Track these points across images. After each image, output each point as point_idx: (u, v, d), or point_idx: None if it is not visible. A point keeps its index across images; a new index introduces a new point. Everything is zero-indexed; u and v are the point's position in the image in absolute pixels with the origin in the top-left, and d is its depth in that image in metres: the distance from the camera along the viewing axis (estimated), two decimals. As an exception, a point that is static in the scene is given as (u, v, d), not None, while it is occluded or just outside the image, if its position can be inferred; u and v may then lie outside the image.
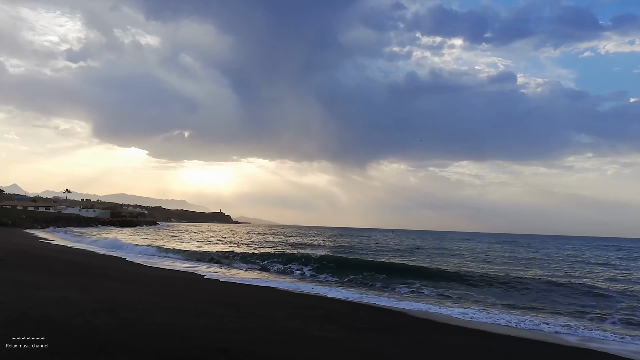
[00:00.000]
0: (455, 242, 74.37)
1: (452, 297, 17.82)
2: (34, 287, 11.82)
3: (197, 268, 25.01)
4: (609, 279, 24.85)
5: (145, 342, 7.09)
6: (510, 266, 31.48)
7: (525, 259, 39.29)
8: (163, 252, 35.18)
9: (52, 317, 8.20)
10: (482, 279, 22.56)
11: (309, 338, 9.03)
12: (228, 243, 52.95)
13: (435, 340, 10.08)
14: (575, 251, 56.98)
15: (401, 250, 47.52)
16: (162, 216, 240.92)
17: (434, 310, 14.39)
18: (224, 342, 7.62)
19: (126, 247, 38.38)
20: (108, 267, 20.87)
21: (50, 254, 25.64)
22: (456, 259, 37.25)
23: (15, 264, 17.92)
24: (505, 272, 25.54)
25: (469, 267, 28.86)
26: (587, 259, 41.74)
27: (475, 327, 12.13)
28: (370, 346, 8.85)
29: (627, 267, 34.10)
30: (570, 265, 34.35)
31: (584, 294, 19.19)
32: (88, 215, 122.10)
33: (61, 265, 20.23)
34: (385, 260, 31.99)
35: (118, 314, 9.25)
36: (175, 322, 9.03)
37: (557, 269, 30.14)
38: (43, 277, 14.62)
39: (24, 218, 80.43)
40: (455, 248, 54.72)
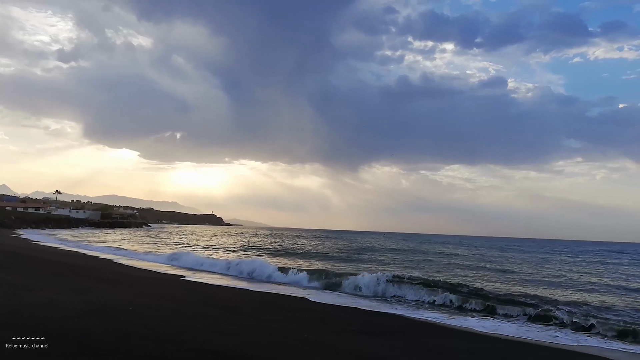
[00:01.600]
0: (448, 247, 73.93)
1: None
2: (23, 288, 11.61)
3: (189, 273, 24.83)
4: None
5: (137, 345, 6.98)
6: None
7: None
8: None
9: (42, 319, 8.05)
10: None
11: (303, 341, 8.95)
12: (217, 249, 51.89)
13: (430, 343, 10.06)
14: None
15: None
16: (153, 218, 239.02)
17: (429, 315, 14.39)
18: (217, 345, 7.54)
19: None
20: (99, 269, 20.63)
21: (40, 255, 25.32)
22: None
23: (4, 265, 17.65)
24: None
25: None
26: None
27: (470, 330, 12.13)
28: (365, 349, 8.80)
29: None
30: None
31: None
32: (78, 216, 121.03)
33: (51, 266, 19.96)
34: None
35: (109, 316, 9.11)
36: (168, 325, 8.92)
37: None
38: (32, 278, 14.39)
39: (13, 219, 79.47)
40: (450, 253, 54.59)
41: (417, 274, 21.72)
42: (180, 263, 28.20)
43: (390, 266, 31.29)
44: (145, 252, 36.67)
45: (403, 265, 32.68)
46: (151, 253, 36.02)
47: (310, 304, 15.06)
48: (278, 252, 43.26)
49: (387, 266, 31.14)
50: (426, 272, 26.37)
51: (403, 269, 28.56)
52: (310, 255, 40.07)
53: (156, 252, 36.69)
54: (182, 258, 29.80)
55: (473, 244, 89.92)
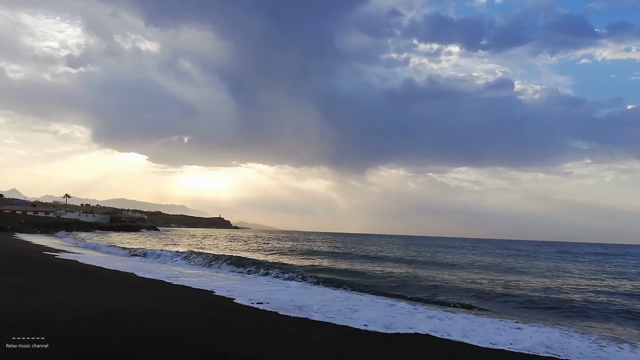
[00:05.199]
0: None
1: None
2: (31, 292, 11.80)
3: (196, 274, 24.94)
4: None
5: (142, 348, 7.08)
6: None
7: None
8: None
9: (50, 322, 8.19)
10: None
11: (307, 343, 9.00)
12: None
13: (434, 346, 10.05)
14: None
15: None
16: (161, 221, 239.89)
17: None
18: (222, 348, 7.61)
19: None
20: (105, 272, 20.81)
21: (48, 259, 25.59)
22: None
23: (13, 268, 17.89)
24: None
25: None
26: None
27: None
28: (368, 351, 8.83)
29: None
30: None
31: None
32: (87, 220, 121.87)
33: (58, 269, 20.19)
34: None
35: (115, 319, 9.23)
36: (172, 328, 9.01)
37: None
38: (41, 282, 14.58)
39: (24, 223, 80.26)
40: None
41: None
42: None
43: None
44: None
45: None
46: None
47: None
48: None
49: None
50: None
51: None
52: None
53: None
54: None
55: (489, 249, 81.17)
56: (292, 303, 14.09)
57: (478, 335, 11.10)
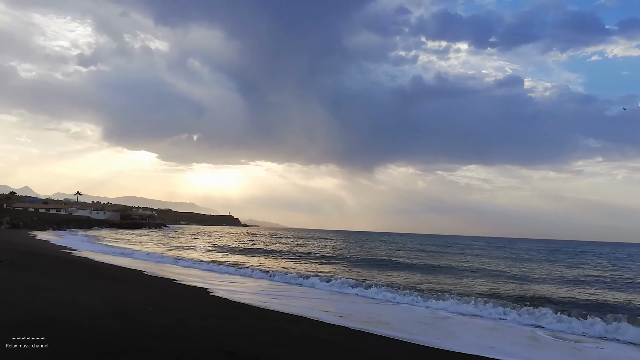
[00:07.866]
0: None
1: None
2: (43, 289, 11.90)
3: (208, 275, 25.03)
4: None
5: (152, 345, 7.07)
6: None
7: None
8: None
9: (61, 319, 8.24)
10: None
11: (317, 341, 8.95)
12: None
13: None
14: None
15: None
16: (171, 219, 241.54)
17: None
18: (232, 345, 7.58)
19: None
20: (116, 270, 20.96)
21: (59, 256, 25.83)
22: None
23: (26, 265, 18.06)
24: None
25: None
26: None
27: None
28: (379, 350, 8.76)
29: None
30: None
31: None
32: (98, 217, 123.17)
33: (70, 267, 20.36)
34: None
35: (126, 316, 9.26)
36: (182, 325, 9.01)
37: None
38: (52, 279, 14.70)
39: (36, 220, 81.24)
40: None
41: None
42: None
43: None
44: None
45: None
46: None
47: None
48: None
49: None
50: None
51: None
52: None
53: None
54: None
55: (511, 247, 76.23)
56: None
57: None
